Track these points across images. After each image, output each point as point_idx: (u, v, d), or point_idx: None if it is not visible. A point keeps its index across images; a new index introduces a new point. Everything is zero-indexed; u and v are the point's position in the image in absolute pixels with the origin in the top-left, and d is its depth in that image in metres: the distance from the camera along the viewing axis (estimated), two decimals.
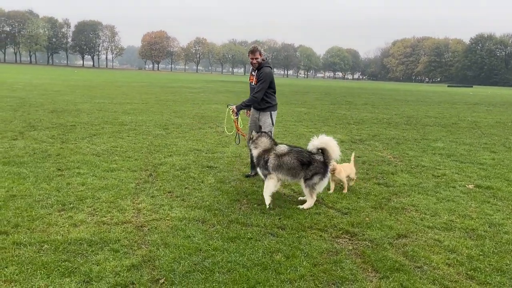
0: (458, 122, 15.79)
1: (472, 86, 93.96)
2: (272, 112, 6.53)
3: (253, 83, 6.42)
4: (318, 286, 3.32)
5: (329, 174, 5.37)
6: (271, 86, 6.40)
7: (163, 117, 13.25)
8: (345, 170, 5.94)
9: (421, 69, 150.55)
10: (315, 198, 5.25)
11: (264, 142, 5.58)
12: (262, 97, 6.34)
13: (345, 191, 5.91)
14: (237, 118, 6.52)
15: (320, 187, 5.30)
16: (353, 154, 6.38)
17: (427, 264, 3.77)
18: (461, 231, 4.61)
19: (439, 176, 7.03)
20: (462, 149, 9.71)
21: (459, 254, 4.01)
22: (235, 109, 6.41)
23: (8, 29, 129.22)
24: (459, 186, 6.44)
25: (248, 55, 6.46)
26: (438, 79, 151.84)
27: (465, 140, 11.24)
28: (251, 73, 6.62)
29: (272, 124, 6.55)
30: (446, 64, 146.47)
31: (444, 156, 8.85)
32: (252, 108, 6.67)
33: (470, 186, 6.45)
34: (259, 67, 6.37)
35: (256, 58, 6.33)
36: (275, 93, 6.55)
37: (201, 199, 5.29)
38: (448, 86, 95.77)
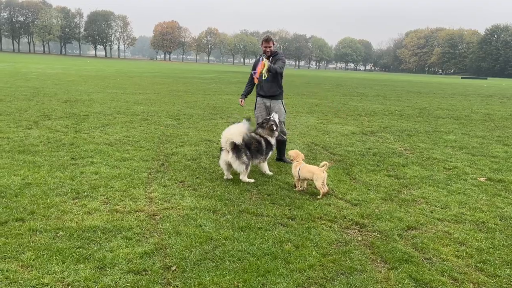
0: (471, 114, 15.61)
1: (486, 78, 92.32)
2: (282, 100, 6.88)
3: None
4: (327, 276, 3.36)
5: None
6: (282, 73, 6.71)
7: (175, 108, 13.34)
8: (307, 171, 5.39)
9: (434, 60, 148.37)
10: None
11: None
12: (277, 83, 6.67)
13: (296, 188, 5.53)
14: (265, 65, 6.47)
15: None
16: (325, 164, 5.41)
17: (436, 256, 3.79)
18: (471, 223, 4.60)
19: (450, 169, 6.99)
20: (475, 142, 9.62)
21: (468, 246, 4.01)
22: (267, 63, 6.47)
23: (22, 19, 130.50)
24: (471, 179, 6.40)
25: (262, 44, 6.74)
26: (452, 70, 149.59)
27: (478, 132, 11.12)
28: (260, 62, 6.69)
29: (285, 111, 6.89)
30: (460, 55, 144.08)
31: (456, 148, 8.78)
32: (259, 97, 6.91)
33: (482, 179, 6.41)
34: (272, 55, 6.67)
35: (269, 47, 6.66)
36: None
37: (212, 189, 5.36)
38: (462, 78, 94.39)
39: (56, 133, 8.20)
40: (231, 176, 5.85)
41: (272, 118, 6.32)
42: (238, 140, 5.56)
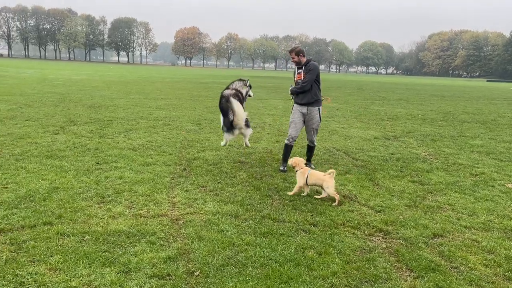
0: (497, 118, 15.21)
1: None
2: (320, 107, 6.81)
3: (303, 78, 6.64)
4: (351, 284, 3.32)
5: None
6: (317, 80, 6.67)
7: (196, 113, 13.46)
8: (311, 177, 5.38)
9: (458, 63, 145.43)
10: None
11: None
12: (312, 90, 6.61)
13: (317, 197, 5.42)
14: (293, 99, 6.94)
15: None
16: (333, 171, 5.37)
17: (464, 264, 3.70)
18: (500, 231, 4.48)
19: (477, 175, 6.82)
20: (502, 147, 9.37)
21: (497, 255, 3.90)
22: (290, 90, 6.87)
23: (48, 26, 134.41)
24: (498, 185, 6.23)
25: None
26: (477, 73, 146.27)
27: (505, 137, 10.82)
28: (296, 72, 6.80)
29: (320, 119, 6.86)
30: (486, 58, 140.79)
31: (483, 154, 8.57)
32: (296, 104, 6.84)
33: (510, 186, 6.23)
34: (306, 63, 6.63)
35: (293, 58, 6.67)
36: (320, 89, 6.81)
37: (233, 194, 5.37)
38: (487, 81, 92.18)
39: (81, 138, 8.39)
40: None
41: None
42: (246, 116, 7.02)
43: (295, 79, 6.81)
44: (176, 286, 3.18)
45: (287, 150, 6.81)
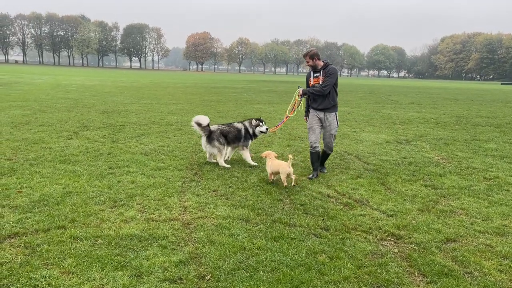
0: None
1: None
2: (337, 113, 6.72)
3: (321, 82, 6.50)
4: None
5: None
6: (335, 85, 6.56)
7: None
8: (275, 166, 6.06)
9: (472, 66, 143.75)
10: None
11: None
12: (330, 95, 6.49)
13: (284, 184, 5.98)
14: (300, 100, 6.88)
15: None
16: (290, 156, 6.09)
17: (478, 270, 3.64)
18: None
19: (491, 179, 6.73)
20: None
21: None
22: (301, 90, 6.67)
23: (62, 33, 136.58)
24: None
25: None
26: (491, 76, 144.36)
27: None
28: (312, 76, 6.67)
29: (337, 125, 6.77)
30: (500, 60, 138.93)
31: (497, 157, 8.45)
32: (313, 110, 6.72)
33: None
34: (324, 67, 6.50)
35: (307, 62, 6.55)
36: (337, 94, 6.70)
37: (244, 198, 5.38)
38: (501, 83, 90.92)
39: (94, 143, 8.48)
40: None
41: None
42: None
43: (311, 83, 6.66)
44: None
45: (313, 157, 6.61)
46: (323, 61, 6.56)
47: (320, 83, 6.48)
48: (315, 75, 6.60)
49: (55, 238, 3.94)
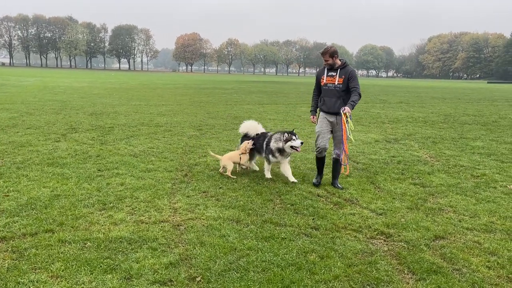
0: (498, 120, 15.19)
1: None
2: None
3: (336, 83, 5.96)
4: (353, 287, 3.32)
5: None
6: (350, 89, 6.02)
7: (197, 118, 13.49)
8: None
9: (459, 65, 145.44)
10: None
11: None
12: (343, 101, 5.95)
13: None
14: (350, 122, 5.93)
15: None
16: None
17: (466, 266, 3.69)
18: (502, 233, 4.47)
19: (478, 176, 6.81)
20: (503, 148, 9.35)
21: (500, 256, 3.89)
22: (347, 109, 5.80)
23: (49, 35, 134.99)
24: (500, 187, 6.22)
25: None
26: (477, 75, 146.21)
27: (506, 138, 10.81)
28: (326, 74, 6.07)
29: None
30: (486, 59, 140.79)
31: (484, 155, 8.56)
32: (323, 113, 6.17)
33: None
34: (343, 66, 5.98)
35: (326, 61, 5.98)
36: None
37: (235, 199, 5.37)
38: (488, 82, 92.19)
39: (83, 146, 8.41)
40: None
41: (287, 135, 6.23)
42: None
43: (323, 81, 6.07)
44: None
45: (319, 163, 6.31)
46: (340, 60, 6.02)
47: (336, 83, 5.94)
48: (329, 73, 6.02)
49: (43, 242, 3.90)
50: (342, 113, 5.80)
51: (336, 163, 6.18)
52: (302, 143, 6.19)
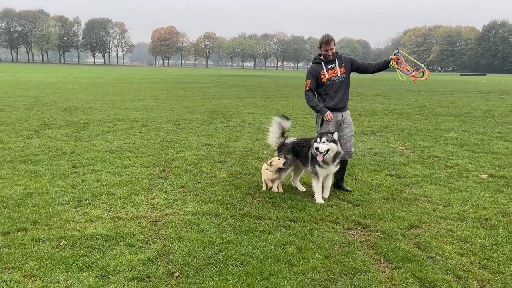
0: (471, 111, 15.60)
1: (485, 75, 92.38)
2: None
3: (339, 74, 5.53)
4: (330, 278, 3.36)
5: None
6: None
7: (175, 113, 13.35)
8: None
9: (433, 58, 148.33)
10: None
11: None
12: (348, 91, 5.71)
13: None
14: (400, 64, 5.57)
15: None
16: None
17: (440, 254, 3.78)
18: (474, 221, 4.60)
19: (451, 167, 6.99)
20: (475, 139, 9.62)
21: (472, 244, 4.00)
22: (395, 57, 5.60)
23: (20, 28, 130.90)
24: (472, 176, 6.39)
25: (320, 47, 5.54)
26: (451, 68, 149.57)
27: (478, 129, 11.11)
28: (325, 68, 5.52)
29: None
30: (459, 52, 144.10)
31: (457, 146, 8.78)
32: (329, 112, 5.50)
33: (484, 176, 6.40)
34: (337, 57, 5.55)
35: (331, 49, 5.44)
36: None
37: (213, 194, 5.36)
38: (461, 75, 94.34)
39: (56, 142, 8.21)
40: None
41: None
42: None
43: (325, 77, 5.49)
44: (156, 287, 3.15)
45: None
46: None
47: (339, 74, 5.51)
48: (329, 66, 5.50)
49: (16, 241, 3.80)
50: (396, 55, 5.60)
51: (345, 164, 5.73)
52: (323, 150, 4.97)
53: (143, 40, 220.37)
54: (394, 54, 5.66)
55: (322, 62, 5.55)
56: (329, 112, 5.45)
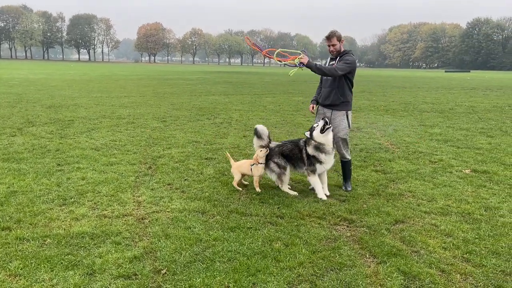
0: (455, 107, 15.83)
1: (469, 71, 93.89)
2: (348, 112, 5.52)
3: None
4: (317, 273, 3.39)
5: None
6: (349, 78, 5.43)
7: (161, 110, 13.26)
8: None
9: (418, 55, 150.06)
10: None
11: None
12: (339, 88, 5.40)
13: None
14: (296, 67, 5.23)
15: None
16: None
17: (424, 248, 3.85)
18: (457, 215, 4.68)
19: (436, 162, 7.09)
20: (459, 134, 9.77)
21: (455, 237, 4.08)
22: (306, 59, 5.16)
23: (2, 24, 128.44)
24: (456, 171, 6.50)
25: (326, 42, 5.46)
26: (436, 64, 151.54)
27: (462, 125, 11.29)
28: (328, 63, 5.57)
29: (349, 126, 5.55)
30: (443, 49, 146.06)
31: (441, 141, 8.91)
32: (320, 107, 5.69)
33: (467, 171, 6.52)
34: (341, 55, 5.38)
35: (333, 45, 5.33)
36: (352, 90, 5.59)
37: (200, 191, 5.35)
38: (445, 71, 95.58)
39: (41, 140, 8.09)
40: None
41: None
42: None
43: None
44: (143, 285, 3.15)
45: None
46: (345, 51, 5.44)
47: None
48: (331, 63, 5.51)
49: None
50: (300, 56, 5.19)
51: (345, 164, 5.64)
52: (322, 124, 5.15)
53: (128, 37, 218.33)
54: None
55: (329, 58, 5.67)
56: (311, 105, 5.91)
